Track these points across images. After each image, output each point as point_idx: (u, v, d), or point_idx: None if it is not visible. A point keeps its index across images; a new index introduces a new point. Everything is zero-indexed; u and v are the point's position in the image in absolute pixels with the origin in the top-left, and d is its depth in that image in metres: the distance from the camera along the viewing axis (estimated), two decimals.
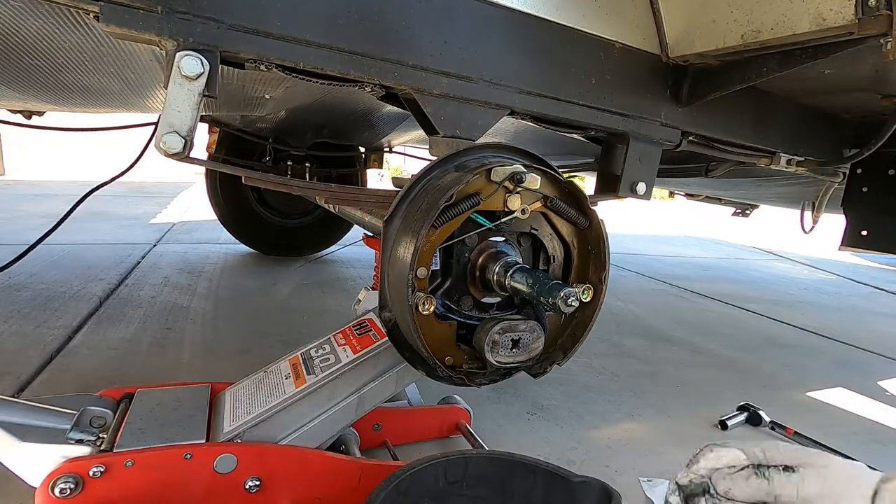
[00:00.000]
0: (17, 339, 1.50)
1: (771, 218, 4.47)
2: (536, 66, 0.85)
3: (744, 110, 1.13)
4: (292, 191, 0.91)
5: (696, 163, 1.55)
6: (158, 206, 4.73)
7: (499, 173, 0.64)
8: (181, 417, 0.86)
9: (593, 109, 0.93)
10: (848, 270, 4.57)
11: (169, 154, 0.64)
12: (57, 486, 0.70)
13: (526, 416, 1.30)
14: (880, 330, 2.61)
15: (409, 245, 0.62)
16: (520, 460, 0.82)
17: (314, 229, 3.01)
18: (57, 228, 1.80)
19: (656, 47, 0.94)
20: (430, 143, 0.85)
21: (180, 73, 0.61)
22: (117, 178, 1.92)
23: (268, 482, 0.80)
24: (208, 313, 1.89)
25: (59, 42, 0.86)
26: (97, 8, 0.57)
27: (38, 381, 1.27)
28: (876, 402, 1.65)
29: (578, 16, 0.86)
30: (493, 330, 0.66)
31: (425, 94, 0.78)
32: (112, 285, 2.12)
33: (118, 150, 3.18)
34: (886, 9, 0.65)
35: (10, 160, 6.98)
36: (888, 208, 1.35)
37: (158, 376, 1.32)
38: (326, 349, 0.96)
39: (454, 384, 0.71)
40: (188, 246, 3.08)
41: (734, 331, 2.33)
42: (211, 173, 2.80)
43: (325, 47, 0.69)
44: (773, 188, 1.94)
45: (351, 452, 0.94)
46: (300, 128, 2.25)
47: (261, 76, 1.11)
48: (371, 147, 2.79)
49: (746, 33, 0.80)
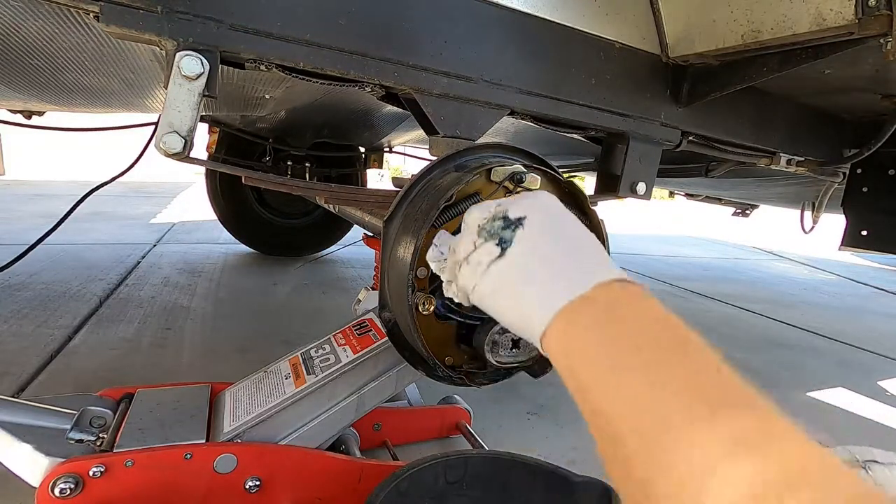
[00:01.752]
0: (17, 339, 1.50)
1: (771, 218, 4.47)
2: (536, 66, 0.85)
3: (744, 110, 1.13)
4: (292, 191, 0.91)
5: (696, 163, 1.55)
6: (158, 206, 4.73)
7: (499, 173, 0.64)
8: (181, 417, 0.86)
9: (593, 109, 0.93)
10: (848, 270, 4.57)
11: (169, 154, 0.64)
12: (57, 486, 0.70)
13: (526, 416, 1.30)
14: (880, 330, 2.61)
15: (409, 245, 0.62)
16: (520, 460, 0.82)
17: (314, 229, 3.01)
18: (57, 228, 1.80)
19: (656, 47, 0.94)
20: (430, 143, 0.85)
21: (180, 73, 0.61)
22: (117, 178, 1.92)
23: (268, 482, 0.80)
24: (208, 313, 1.88)
25: (59, 42, 0.86)
26: (97, 8, 0.57)
27: (38, 381, 1.27)
28: (876, 402, 1.65)
29: (578, 15, 0.86)
30: (493, 330, 0.66)
31: (425, 94, 0.78)
32: (112, 285, 2.12)
33: (118, 150, 3.17)
34: (886, 9, 0.65)
35: (10, 160, 6.98)
36: (888, 208, 1.35)
37: (158, 376, 1.32)
38: (326, 349, 0.96)
39: (454, 384, 0.71)
40: (188, 246, 3.07)
41: (734, 331, 2.33)
42: (211, 173, 2.80)
43: (325, 47, 0.69)
44: (773, 188, 1.94)
45: (351, 452, 0.94)
46: (300, 128, 2.25)
47: (261, 76, 1.11)
48: (371, 147, 2.79)
49: (746, 33, 0.80)
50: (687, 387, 0.33)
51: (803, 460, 0.27)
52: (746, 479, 0.27)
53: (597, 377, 0.37)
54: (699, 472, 0.29)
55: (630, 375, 0.35)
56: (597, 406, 0.37)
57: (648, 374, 0.34)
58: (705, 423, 0.30)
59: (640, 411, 0.33)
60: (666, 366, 0.35)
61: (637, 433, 0.33)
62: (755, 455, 0.28)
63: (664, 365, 0.35)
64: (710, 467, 0.28)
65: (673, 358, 0.35)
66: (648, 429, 0.33)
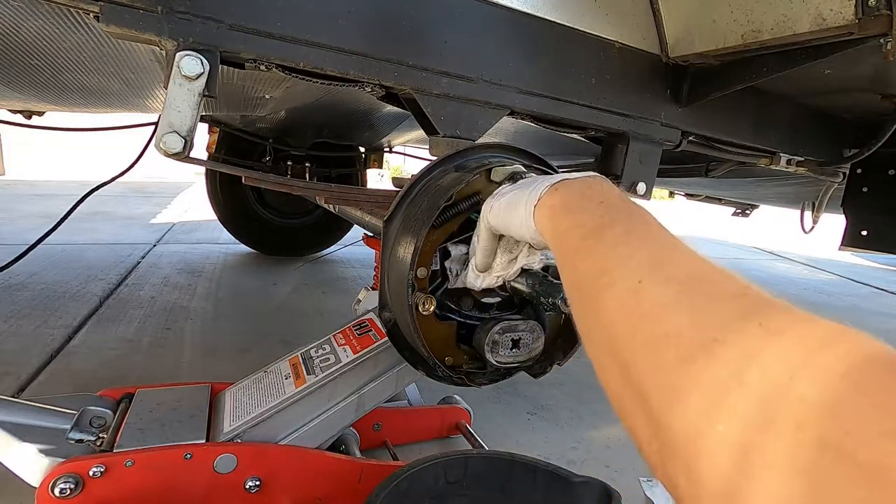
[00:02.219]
0: (17, 339, 1.50)
1: (771, 218, 4.46)
2: (536, 66, 0.85)
3: (744, 110, 1.13)
4: (292, 191, 0.91)
5: (696, 163, 1.55)
6: (158, 206, 4.73)
7: (499, 173, 0.64)
8: (181, 417, 0.86)
9: (593, 109, 0.93)
10: (848, 270, 4.57)
11: (169, 154, 0.64)
12: (57, 486, 0.70)
13: (526, 416, 1.30)
14: (880, 330, 2.60)
15: (409, 245, 0.62)
16: (520, 460, 0.82)
17: (314, 229, 3.01)
18: (57, 228, 1.80)
19: (656, 47, 0.94)
20: (430, 143, 0.85)
21: (180, 73, 0.61)
22: (117, 178, 1.92)
23: (268, 482, 0.80)
24: (208, 313, 1.88)
25: (59, 42, 0.86)
26: (97, 8, 0.57)
27: (38, 381, 1.27)
28: None
29: (578, 15, 0.86)
30: (494, 330, 0.66)
31: (425, 94, 0.78)
32: (112, 285, 2.12)
33: (118, 150, 3.18)
34: (886, 9, 0.65)
35: (10, 160, 6.98)
36: (888, 208, 1.35)
37: (158, 376, 1.32)
38: (326, 349, 0.96)
39: (454, 384, 0.71)
40: (188, 246, 3.07)
41: None
42: (211, 173, 2.80)
43: (325, 47, 0.69)
44: (773, 188, 1.94)
45: (351, 452, 0.94)
46: (300, 128, 2.25)
47: (261, 76, 1.11)
48: (371, 147, 2.79)
49: (746, 33, 0.80)
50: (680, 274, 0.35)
51: (816, 331, 0.26)
52: (778, 362, 0.24)
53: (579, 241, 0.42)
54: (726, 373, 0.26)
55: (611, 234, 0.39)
56: (583, 271, 0.40)
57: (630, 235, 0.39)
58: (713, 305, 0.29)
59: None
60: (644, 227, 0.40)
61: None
62: (774, 341, 0.25)
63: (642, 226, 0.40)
64: (737, 371, 0.25)
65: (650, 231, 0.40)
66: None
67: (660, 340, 0.30)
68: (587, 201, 0.45)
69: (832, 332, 0.25)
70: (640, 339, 0.31)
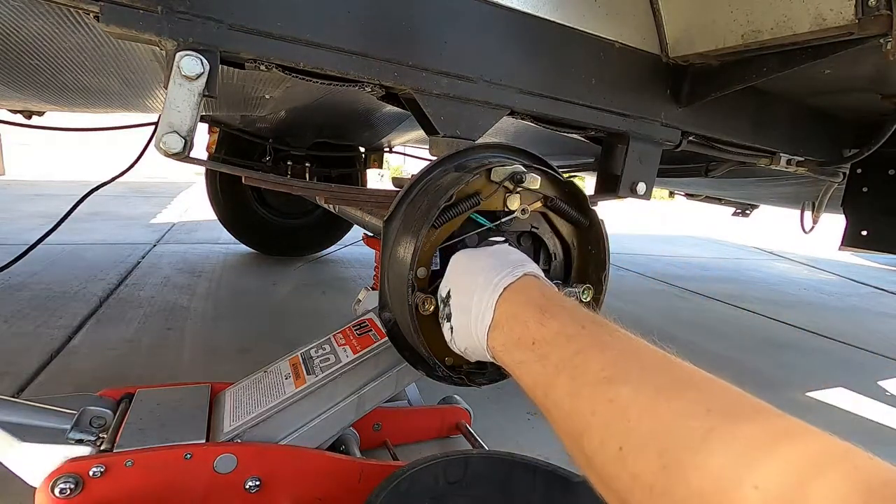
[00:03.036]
0: (17, 338, 1.50)
1: (771, 218, 4.47)
2: (536, 66, 0.85)
3: (744, 110, 1.13)
4: (292, 191, 0.91)
5: (696, 163, 1.55)
6: (158, 206, 4.73)
7: (499, 173, 0.64)
8: (181, 417, 0.86)
9: (593, 109, 0.93)
10: (848, 270, 4.57)
11: (169, 154, 0.64)
12: (57, 486, 0.70)
13: (526, 416, 1.30)
14: (881, 330, 2.61)
15: (409, 245, 0.62)
16: (520, 460, 0.82)
17: (314, 229, 3.01)
18: (57, 228, 1.80)
19: (656, 47, 0.94)
20: (430, 143, 0.85)
21: (180, 73, 0.61)
22: (117, 178, 1.92)
23: (268, 482, 0.80)
24: (208, 313, 1.89)
25: (59, 42, 0.86)
26: (97, 8, 0.57)
27: (38, 381, 1.27)
28: (876, 402, 1.65)
29: (578, 15, 0.86)
30: None
31: (425, 94, 0.78)
32: (112, 285, 2.12)
33: (118, 150, 3.17)
34: (886, 9, 0.65)
35: (10, 160, 6.98)
36: (888, 208, 1.35)
37: (158, 376, 1.32)
38: (326, 349, 0.96)
39: (454, 384, 0.71)
40: (188, 246, 3.07)
41: (734, 331, 2.33)
42: (211, 173, 2.80)
43: (325, 47, 0.69)
44: (773, 188, 1.94)
45: (351, 452, 0.94)
46: (300, 128, 2.25)
47: (261, 76, 1.11)
48: (371, 147, 2.79)
49: (747, 33, 0.80)
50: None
51: (820, 446, 0.27)
52: (773, 478, 0.26)
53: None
54: (725, 482, 0.28)
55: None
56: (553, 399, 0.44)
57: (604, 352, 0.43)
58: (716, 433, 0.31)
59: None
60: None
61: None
62: (773, 456, 0.27)
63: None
64: (736, 478, 0.28)
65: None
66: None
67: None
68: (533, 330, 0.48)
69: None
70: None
